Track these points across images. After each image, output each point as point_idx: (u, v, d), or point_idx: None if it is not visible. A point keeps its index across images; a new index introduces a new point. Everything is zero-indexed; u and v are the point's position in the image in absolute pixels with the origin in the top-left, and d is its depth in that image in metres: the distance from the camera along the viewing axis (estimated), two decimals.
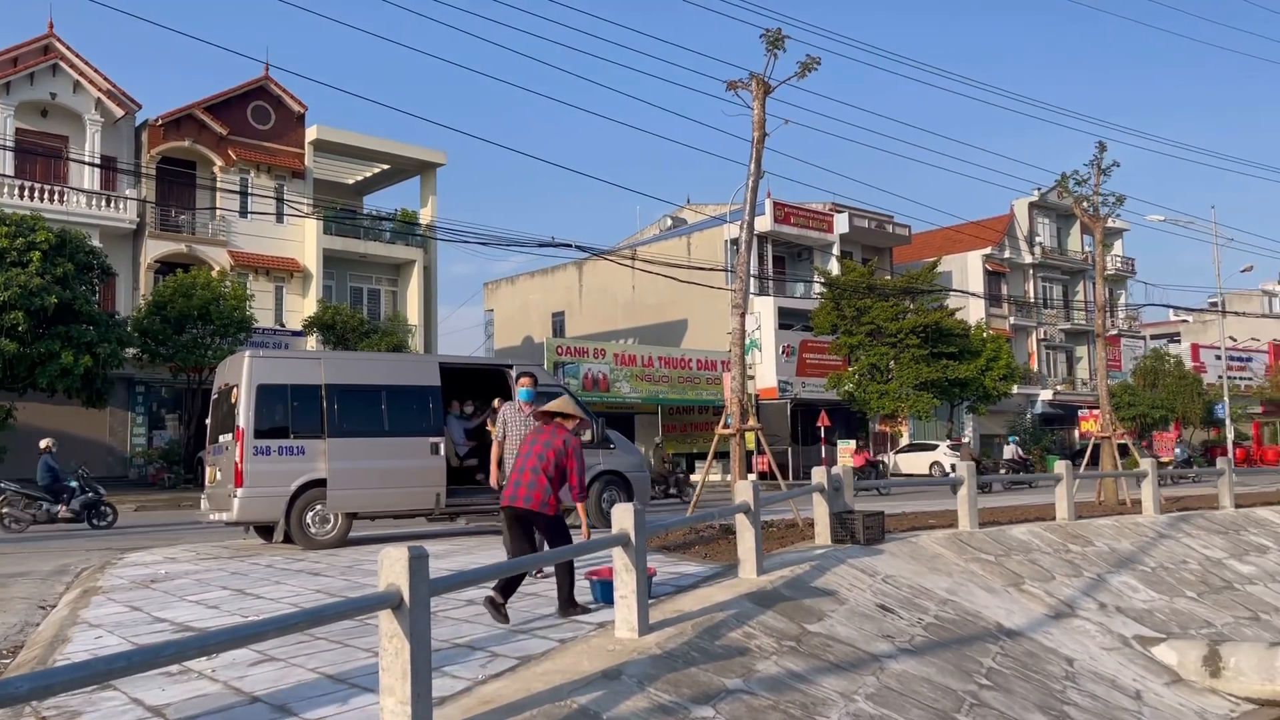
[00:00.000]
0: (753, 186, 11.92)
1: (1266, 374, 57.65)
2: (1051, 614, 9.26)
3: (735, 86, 11.39)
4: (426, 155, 36.29)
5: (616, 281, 46.76)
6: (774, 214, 41.40)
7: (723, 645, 6.04)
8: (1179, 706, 8.08)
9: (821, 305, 39.24)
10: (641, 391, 36.58)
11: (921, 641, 7.34)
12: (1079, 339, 52.77)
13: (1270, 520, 15.12)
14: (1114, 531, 12.54)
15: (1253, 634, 10.20)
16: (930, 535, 10.76)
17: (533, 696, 4.85)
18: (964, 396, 38.78)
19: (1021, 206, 51.80)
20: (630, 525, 5.93)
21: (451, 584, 4.74)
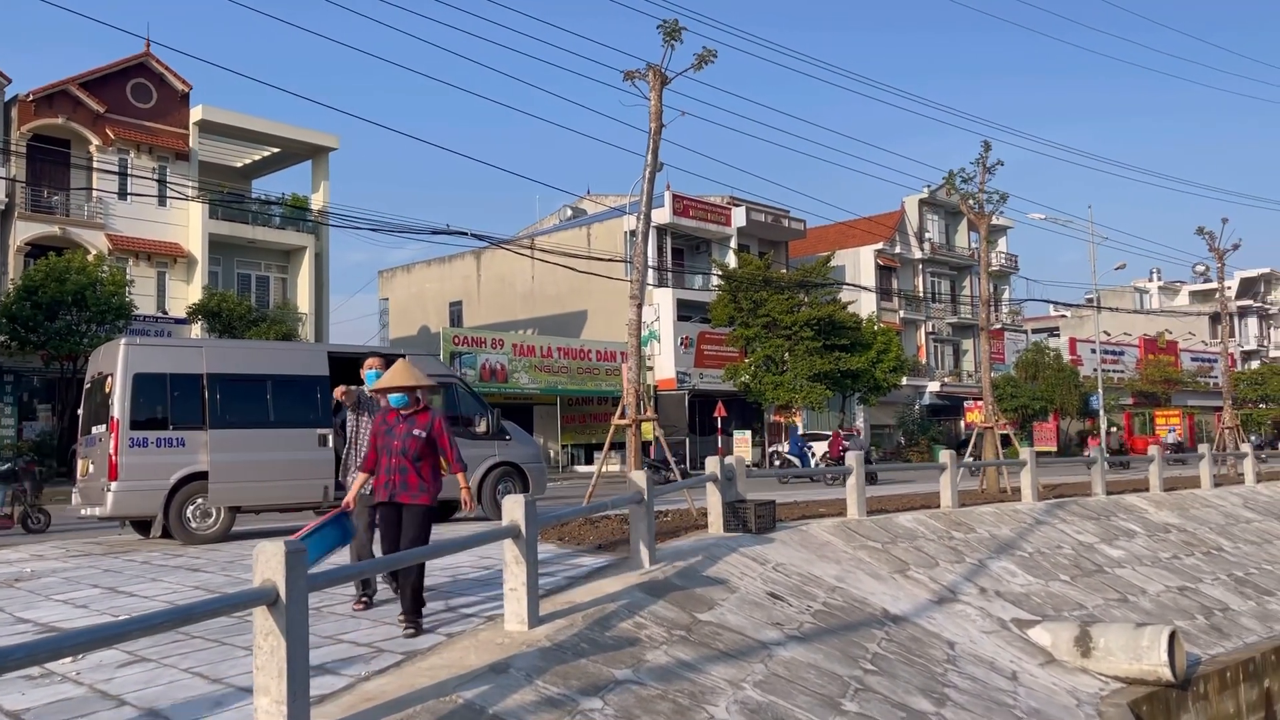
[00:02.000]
0: (650, 178, 11.93)
1: (1137, 367, 60.61)
2: (935, 599, 9.53)
3: (632, 77, 11.37)
4: (318, 139, 35.32)
5: (516, 271, 46.40)
6: (673, 206, 41.62)
7: (613, 636, 6.03)
8: (1052, 686, 8.41)
9: (719, 298, 39.67)
10: (540, 382, 36.40)
11: (810, 628, 7.47)
12: (965, 333, 54.58)
13: (1138, 506, 15.88)
14: (995, 518, 12.99)
15: (1121, 615, 10.69)
16: (820, 523, 10.96)
17: (417, 692, 4.75)
18: (856, 388, 39.74)
19: (912, 204, 53.27)
20: (521, 517, 5.86)
21: (333, 579, 4.61)
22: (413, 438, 6.22)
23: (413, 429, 6.25)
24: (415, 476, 6.22)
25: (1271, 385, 61.76)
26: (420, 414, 6.33)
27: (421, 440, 6.23)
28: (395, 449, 6.21)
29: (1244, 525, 16.56)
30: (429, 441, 6.27)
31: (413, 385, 6.34)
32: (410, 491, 6.21)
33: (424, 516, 6.23)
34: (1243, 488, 19.81)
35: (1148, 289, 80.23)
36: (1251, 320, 75.84)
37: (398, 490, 6.21)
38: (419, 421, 6.29)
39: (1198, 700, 9.34)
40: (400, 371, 6.36)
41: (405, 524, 6.20)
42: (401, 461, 6.20)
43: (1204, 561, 13.77)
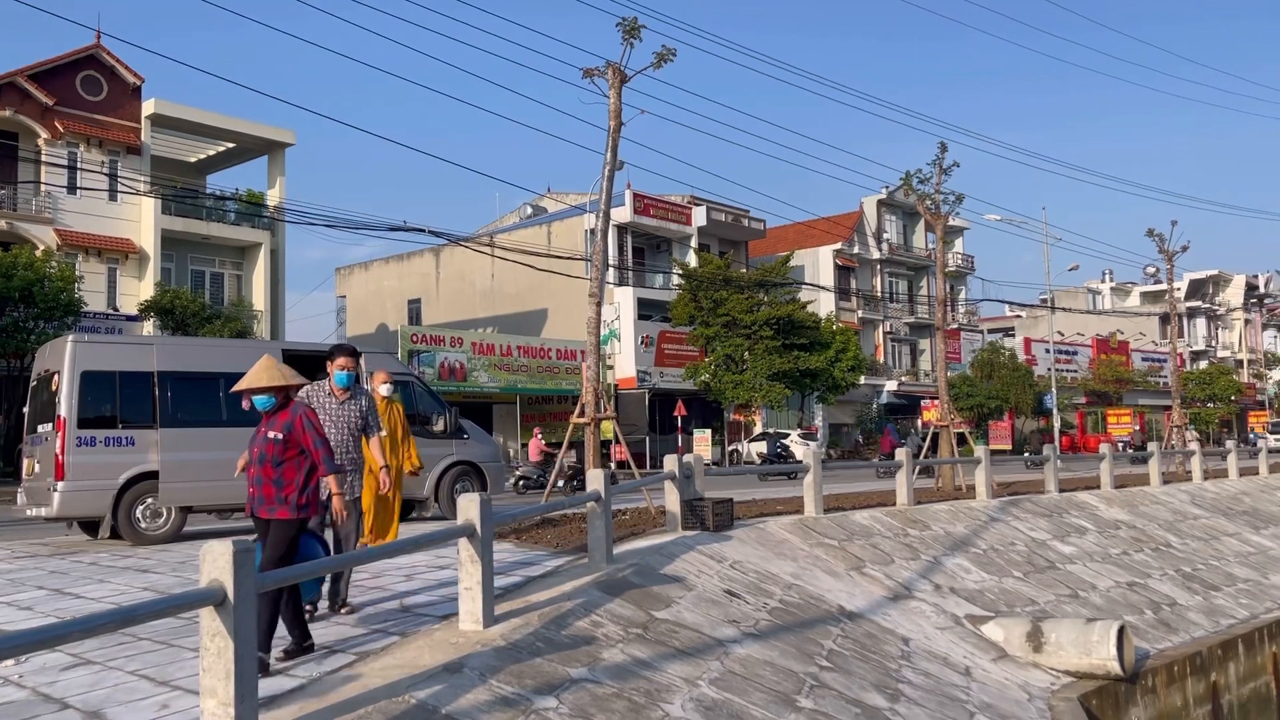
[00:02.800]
0: (609, 176, 11.91)
1: (1090, 367, 61.63)
2: (890, 596, 9.61)
3: (592, 74, 11.34)
4: (274, 134, 34.86)
5: (475, 269, 46.15)
6: (634, 205, 41.63)
7: (569, 635, 6.00)
8: (1004, 681, 8.51)
9: (680, 297, 39.77)
10: (500, 381, 36.23)
11: (766, 625, 7.49)
12: (922, 332, 55.14)
13: (1090, 503, 16.13)
14: (949, 516, 13.13)
15: (1072, 610, 10.85)
16: (778, 521, 11.01)
17: (370, 692, 4.69)
18: (814, 386, 40.02)
19: (870, 204, 53.72)
20: (476, 515, 5.81)
21: (282, 579, 4.54)
22: (268, 441, 5.39)
23: (269, 431, 5.43)
24: (272, 487, 5.36)
25: (1219, 385, 63.16)
26: (281, 412, 5.48)
27: (278, 443, 5.38)
28: (255, 456, 5.44)
29: (1191, 522, 16.89)
30: (288, 443, 5.40)
31: (280, 386, 5.47)
32: (268, 504, 5.36)
33: (284, 533, 5.34)
34: (1191, 485, 20.21)
35: (1100, 290, 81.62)
36: (1200, 321, 77.41)
37: (257, 503, 5.40)
38: (278, 421, 5.45)
39: (1146, 693, 9.50)
40: (262, 370, 5.49)
41: (267, 543, 5.35)
42: (260, 471, 5.40)
43: (1153, 557, 14.02)
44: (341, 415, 6.68)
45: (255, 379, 5.45)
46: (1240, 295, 79.31)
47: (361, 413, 6.73)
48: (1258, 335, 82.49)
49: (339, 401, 6.72)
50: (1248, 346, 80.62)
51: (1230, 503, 19.29)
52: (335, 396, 6.72)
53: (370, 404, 6.82)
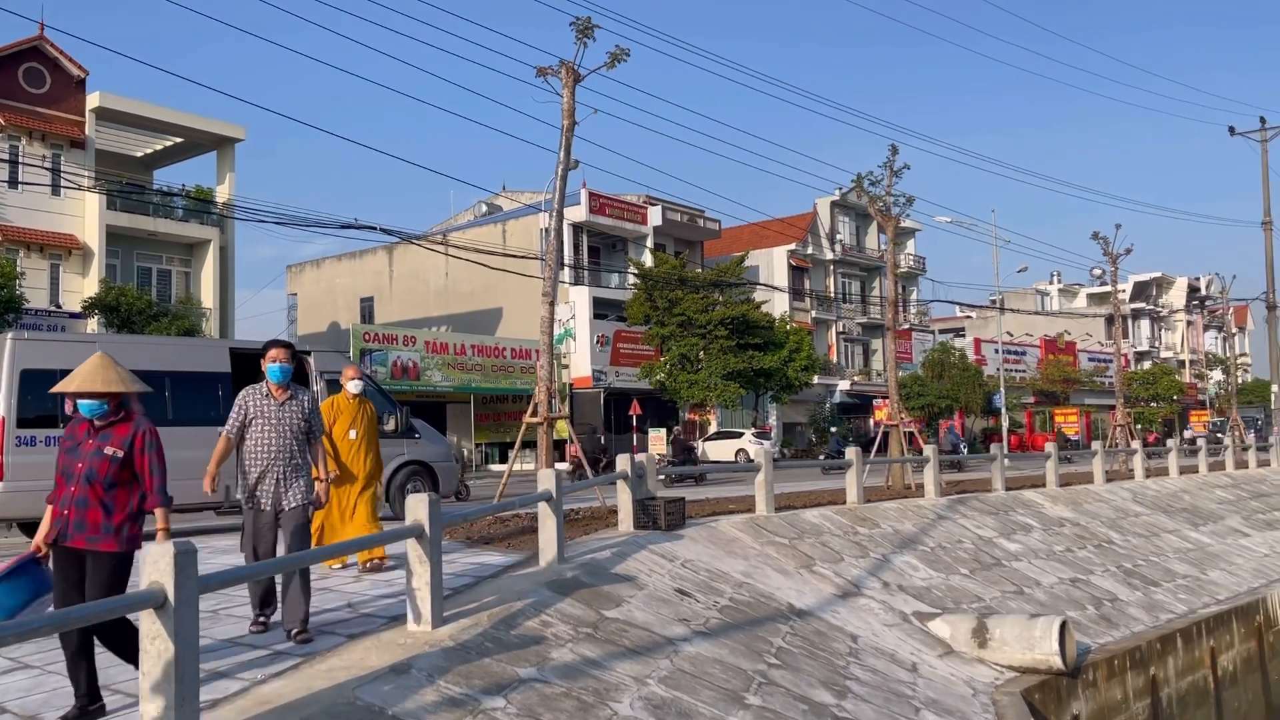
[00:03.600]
0: (562, 175, 11.92)
1: (1038, 367, 62.69)
2: (839, 594, 9.72)
3: (545, 73, 11.33)
4: (224, 129, 34.32)
5: (429, 267, 45.82)
6: (589, 204, 41.60)
7: (518, 635, 6.00)
8: (950, 676, 8.65)
9: (635, 296, 39.81)
10: (454, 380, 36.02)
11: (716, 624, 7.54)
12: (875, 332, 55.74)
13: (1036, 501, 16.42)
14: (898, 514, 13.30)
15: (1016, 607, 11.04)
16: (729, 520, 11.08)
17: (315, 695, 4.66)
18: (768, 386, 40.28)
19: (824, 205, 54.17)
20: (425, 516, 5.79)
21: (226, 580, 4.49)
22: (102, 458, 4.59)
23: (104, 446, 4.62)
24: (99, 512, 4.56)
25: (1162, 385, 64.59)
26: (120, 425, 4.69)
27: (116, 462, 4.61)
28: (79, 473, 4.58)
29: (1133, 519, 17.27)
30: (126, 463, 4.64)
31: (116, 391, 4.67)
32: (90, 532, 4.55)
33: (107, 570, 4.56)
34: (1133, 482, 20.65)
35: (1048, 291, 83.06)
36: (1144, 322, 79.11)
37: (72, 528, 4.55)
38: (116, 435, 4.65)
39: (1087, 688, 9.70)
40: (94, 371, 4.66)
41: (88, 580, 4.55)
42: (84, 491, 4.56)
43: (1095, 554, 14.32)
44: (282, 418, 6.06)
45: (87, 381, 4.61)
46: (1182, 297, 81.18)
47: (305, 413, 6.22)
48: (1199, 336, 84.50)
49: (278, 402, 6.11)
50: (1189, 347, 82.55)
51: (1170, 500, 19.75)
52: (274, 397, 6.12)
53: (314, 405, 6.38)
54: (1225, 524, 19.15)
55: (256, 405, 6.11)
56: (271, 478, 6.01)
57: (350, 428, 8.12)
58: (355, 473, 8.11)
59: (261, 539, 5.99)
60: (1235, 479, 24.27)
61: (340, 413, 8.16)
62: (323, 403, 8.01)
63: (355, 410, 8.20)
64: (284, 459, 6.05)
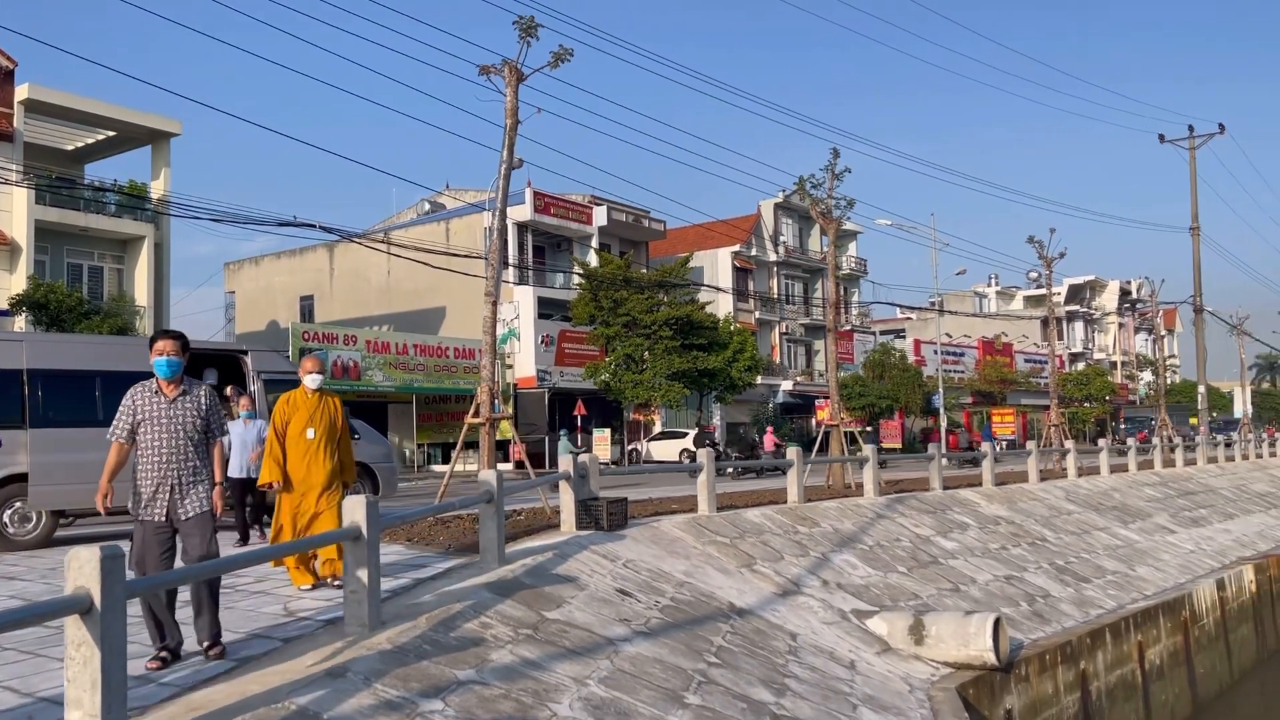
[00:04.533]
0: (505, 174, 11.86)
1: (976, 367, 63.86)
2: (780, 592, 9.81)
3: (488, 72, 11.27)
4: (159, 123, 33.54)
5: (371, 266, 45.28)
6: (534, 204, 41.45)
7: (458, 637, 5.97)
8: (887, 673, 8.78)
9: (580, 296, 39.75)
10: (395, 380, 35.63)
11: (657, 623, 7.57)
12: (818, 333, 56.30)
13: (972, 500, 16.73)
14: (838, 513, 13.46)
15: (953, 604, 11.24)
16: (671, 520, 11.12)
17: (248, 700, 4.59)
18: (712, 386, 40.49)
19: (768, 207, 54.60)
20: (362, 518, 5.73)
21: (153, 585, 4.40)
22: None
23: None
24: None
25: (1095, 385, 66.19)
26: None
27: None
28: None
29: (1066, 517, 17.67)
30: None
31: None
32: None
33: None
34: (1066, 481, 21.13)
35: (986, 293, 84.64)
36: (1078, 324, 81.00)
37: None
38: None
39: (1020, 682, 9.91)
40: None
41: None
42: None
43: (1029, 551, 14.62)
44: (174, 416, 5.45)
45: None
46: (1115, 300, 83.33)
47: (200, 411, 5.55)
48: (1130, 338, 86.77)
49: (168, 399, 5.47)
50: (1121, 349, 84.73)
51: (1101, 499, 20.24)
52: (164, 394, 5.48)
53: (213, 402, 5.66)
54: (1153, 521, 19.69)
55: (145, 405, 5.48)
56: (166, 485, 5.37)
57: (307, 426, 7.33)
58: (314, 478, 7.29)
59: (149, 554, 5.29)
60: (1163, 478, 24.97)
61: (296, 409, 7.37)
62: (279, 399, 7.51)
63: (314, 407, 7.42)
64: (177, 463, 5.42)
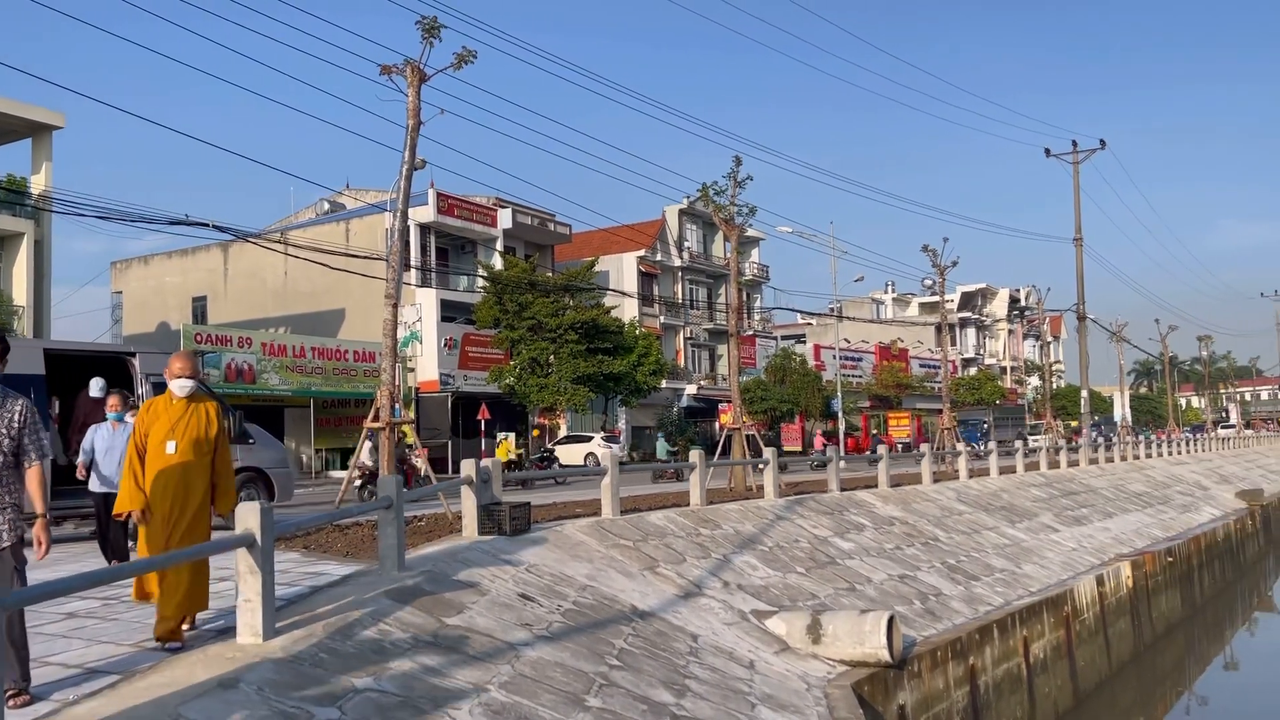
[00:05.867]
0: (407, 175, 11.72)
1: (873, 372, 65.50)
2: (682, 594, 9.91)
3: (389, 72, 11.12)
4: (40, 115, 32.06)
5: (267, 266, 44.10)
6: (437, 205, 40.97)
7: (355, 644, 5.88)
8: (785, 672, 8.95)
9: (484, 299, 39.43)
10: (292, 384, 34.77)
11: (559, 627, 7.57)
12: (721, 338, 56.96)
13: (868, 501, 17.16)
14: (740, 515, 13.66)
15: (849, 603, 11.52)
16: (575, 524, 11.13)
17: (134, 713, 4.44)
18: (618, 390, 40.61)
19: (672, 213, 55.06)
20: (256, 524, 5.60)
21: (37, 595, 4.22)
22: None
23: None
24: None
25: (986, 390, 68.55)
26: None
27: None
28: None
29: (957, 517, 18.26)
30: None
31: None
32: None
33: None
34: (957, 483, 21.82)
35: (883, 300, 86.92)
36: (970, 330, 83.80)
37: None
38: None
39: (912, 678, 10.21)
40: None
41: None
42: None
43: (922, 551, 15.07)
44: None
45: None
46: (1004, 307, 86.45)
47: (11, 428, 4.73)
48: (1019, 344, 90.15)
49: None
50: (1010, 355, 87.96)
51: (991, 499, 20.98)
52: None
53: (30, 419, 4.82)
54: (1039, 521, 20.49)
55: None
56: None
57: (168, 438, 5.96)
58: (170, 501, 5.92)
59: None
60: (1048, 478, 25.99)
61: (156, 418, 6.04)
62: (141, 406, 6.47)
63: (179, 416, 6.06)
64: None
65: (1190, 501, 30.29)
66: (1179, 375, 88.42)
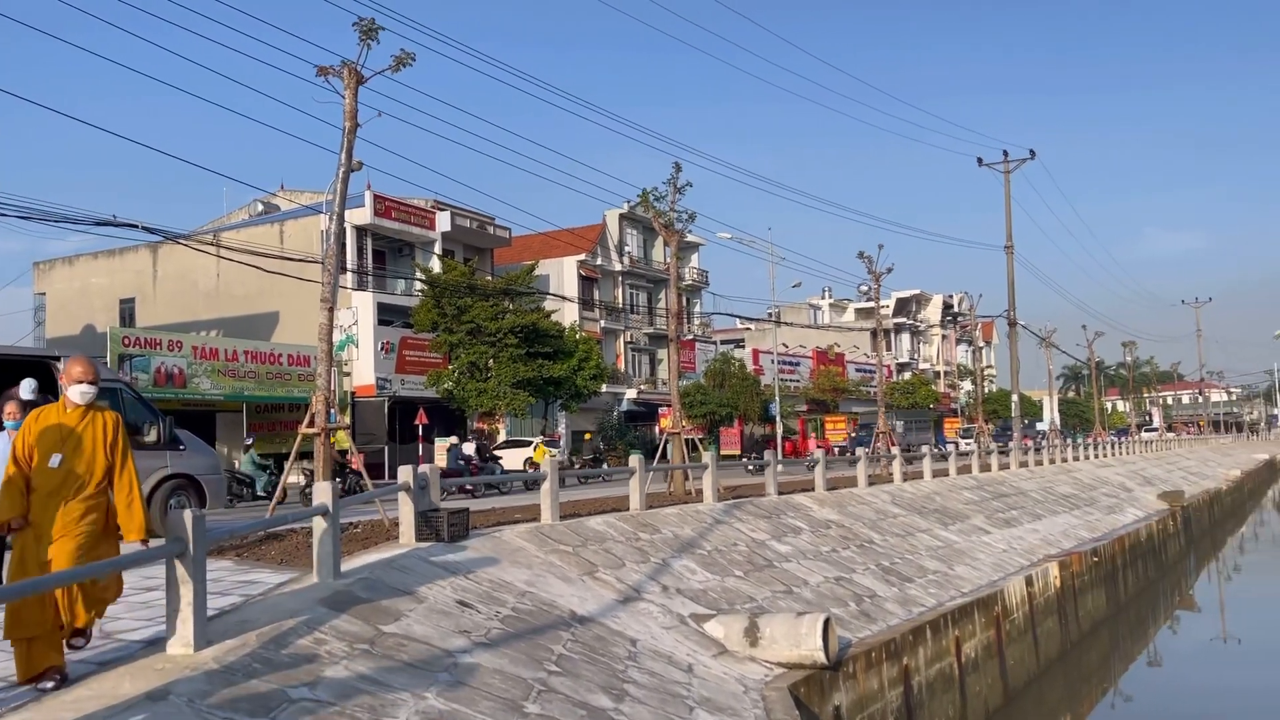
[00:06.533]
0: (343, 177, 11.59)
1: (811, 376, 66.27)
2: (621, 599, 9.93)
3: (326, 73, 10.99)
4: None
5: (199, 268, 43.18)
6: (374, 207, 40.50)
7: (289, 654, 5.80)
8: (723, 675, 9.03)
9: (423, 303, 39.04)
10: (224, 388, 34.07)
11: (498, 634, 7.55)
12: (661, 342, 57.14)
13: (804, 504, 17.36)
14: (678, 519, 13.73)
15: (786, 606, 11.64)
16: (514, 529, 11.10)
17: None
18: (558, 395, 40.51)
19: (613, 217, 55.14)
20: (187, 532, 5.50)
21: None
22: None
23: None
24: None
25: (920, 394, 69.76)
26: None
27: None
28: None
29: (891, 520, 18.56)
30: None
31: None
32: None
33: None
34: (892, 486, 22.18)
35: (820, 306, 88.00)
36: (905, 336, 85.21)
37: None
38: None
39: (847, 679, 10.36)
40: None
41: None
42: None
43: (857, 553, 15.30)
44: None
45: None
46: (938, 313, 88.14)
47: None
48: (952, 349, 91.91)
49: None
50: (944, 359, 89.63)
51: (924, 501, 21.36)
52: None
53: None
54: (970, 523, 20.91)
55: None
56: None
57: (54, 451, 5.28)
58: (50, 524, 5.19)
59: None
60: (980, 481, 26.55)
61: (44, 427, 5.34)
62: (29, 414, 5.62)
63: (71, 427, 5.34)
64: None
65: (1115, 503, 31.17)
66: (1105, 380, 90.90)
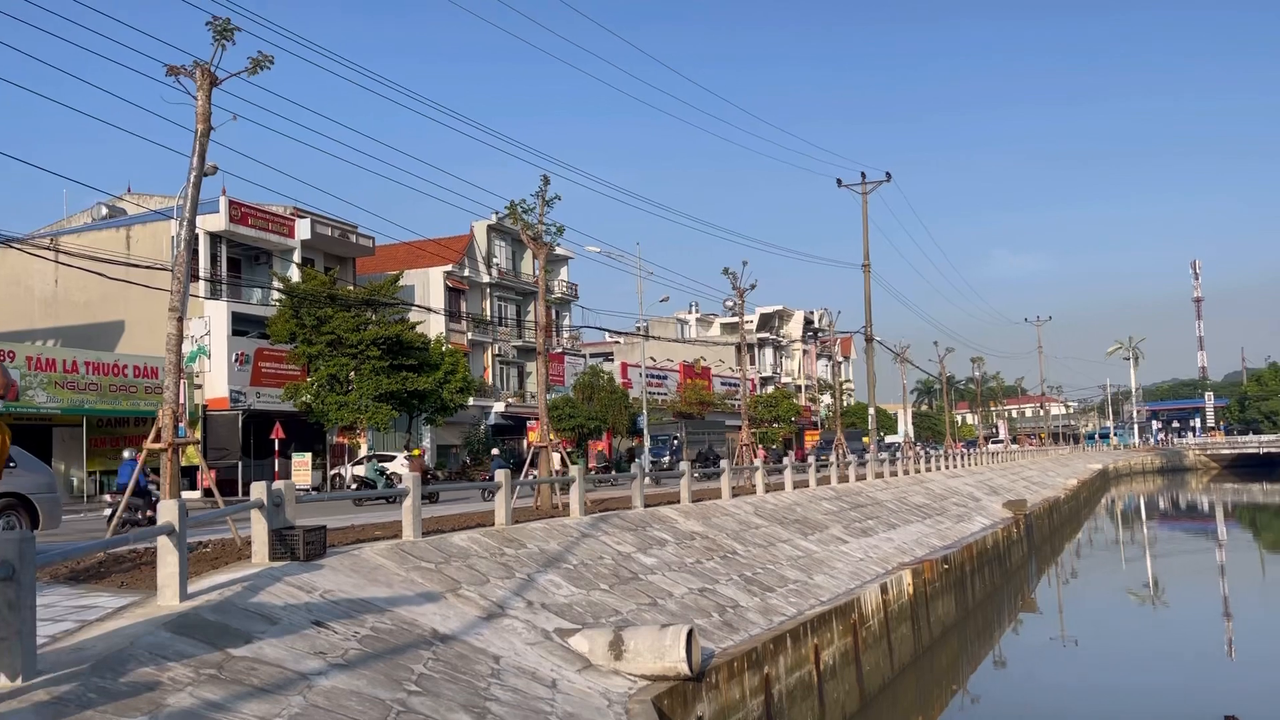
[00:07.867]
0: (195, 182, 11.11)
1: (678, 390, 67.08)
2: (484, 615, 9.79)
3: (177, 73, 10.53)
4: None
5: (34, 273, 40.68)
6: (229, 213, 39.01)
7: (129, 682, 5.48)
8: (587, 690, 9.00)
9: (280, 313, 37.75)
10: (62, 401, 32.13)
11: (356, 655, 7.33)
12: (530, 355, 56.86)
13: (671, 517, 17.53)
14: (545, 534, 13.65)
15: (651, 618, 11.71)
16: (374, 547, 10.81)
17: None
18: (423, 408, 39.76)
19: (481, 229, 54.63)
20: (15, 555, 5.14)
21: None
22: None
23: None
24: None
25: (782, 407, 71.50)
26: None
27: None
28: None
29: (754, 530, 18.93)
30: None
31: None
32: None
33: None
34: (755, 497, 22.63)
35: (688, 320, 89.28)
36: (768, 350, 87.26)
37: None
38: None
39: (710, 690, 10.49)
40: None
41: None
42: None
43: (721, 564, 15.53)
44: None
45: None
46: (800, 328, 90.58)
47: None
48: (813, 364, 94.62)
49: None
50: (805, 374, 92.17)
51: (786, 512, 21.87)
52: None
53: None
54: (829, 532, 21.52)
55: None
56: None
57: None
58: None
59: None
60: (839, 492, 27.37)
61: None
62: None
63: None
64: None
65: (964, 512, 32.63)
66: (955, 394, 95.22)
